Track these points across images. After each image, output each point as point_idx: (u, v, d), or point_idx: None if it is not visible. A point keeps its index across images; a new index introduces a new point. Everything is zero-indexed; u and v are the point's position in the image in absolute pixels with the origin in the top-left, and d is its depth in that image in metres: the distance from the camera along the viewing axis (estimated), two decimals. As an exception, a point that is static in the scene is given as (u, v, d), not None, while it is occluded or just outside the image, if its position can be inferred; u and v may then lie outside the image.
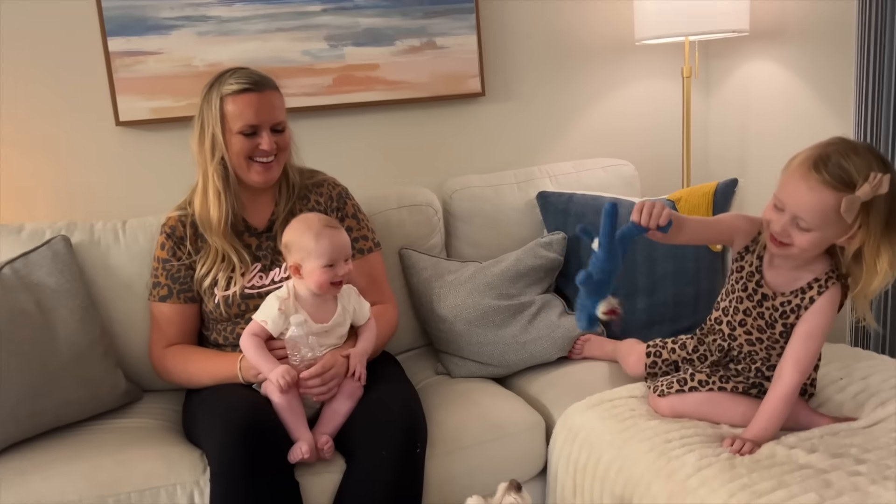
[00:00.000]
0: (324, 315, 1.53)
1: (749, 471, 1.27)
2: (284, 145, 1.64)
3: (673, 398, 1.49)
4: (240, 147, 1.59)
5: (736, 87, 2.30)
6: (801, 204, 1.28)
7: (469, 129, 2.26)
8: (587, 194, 2.01)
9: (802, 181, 1.28)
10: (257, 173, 1.62)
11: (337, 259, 1.51)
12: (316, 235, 1.51)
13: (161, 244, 1.69)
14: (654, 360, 1.65)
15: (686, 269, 1.87)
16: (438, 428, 1.55)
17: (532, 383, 1.78)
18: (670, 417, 1.49)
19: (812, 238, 1.30)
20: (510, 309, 1.82)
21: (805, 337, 1.37)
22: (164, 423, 1.67)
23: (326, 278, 1.50)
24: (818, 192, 1.26)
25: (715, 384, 1.48)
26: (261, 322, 1.52)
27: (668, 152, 2.35)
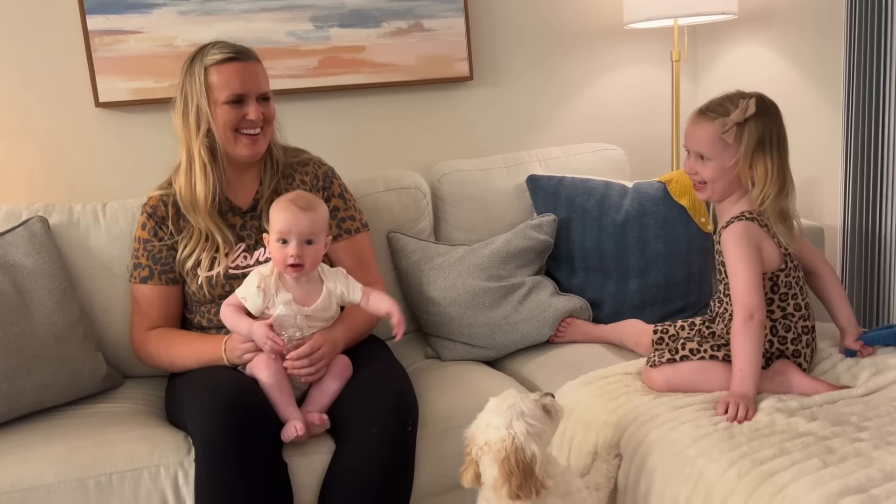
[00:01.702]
0: (308, 297, 1.52)
1: (749, 439, 1.28)
2: (270, 117, 1.65)
3: (666, 369, 1.52)
4: (226, 118, 1.59)
5: (724, 71, 2.34)
6: (694, 140, 1.55)
7: (457, 114, 2.27)
8: (577, 178, 2.03)
9: (692, 124, 1.56)
10: (244, 146, 1.62)
11: (288, 235, 1.48)
12: (278, 208, 1.51)
13: (142, 224, 1.68)
14: (660, 337, 1.69)
15: (678, 251, 1.90)
16: (430, 408, 1.56)
17: (524, 365, 1.79)
18: (665, 391, 1.51)
19: (713, 167, 1.52)
20: (501, 290, 1.83)
21: (729, 273, 1.51)
22: (147, 408, 1.66)
23: (279, 256, 1.49)
24: (703, 126, 1.53)
25: (707, 353, 1.51)
26: (240, 298, 1.51)
27: (657, 136, 2.38)
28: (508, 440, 1.19)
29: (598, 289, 1.92)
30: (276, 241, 1.49)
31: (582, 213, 1.94)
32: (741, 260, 1.47)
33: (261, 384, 1.47)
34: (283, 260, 1.49)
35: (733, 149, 1.50)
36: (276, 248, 1.50)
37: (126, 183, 2.00)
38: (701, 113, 1.54)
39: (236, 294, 1.52)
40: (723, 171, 1.52)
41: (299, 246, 1.48)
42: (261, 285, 1.50)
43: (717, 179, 1.53)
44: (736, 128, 1.48)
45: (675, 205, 1.91)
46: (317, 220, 1.51)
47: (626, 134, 2.36)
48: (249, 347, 1.50)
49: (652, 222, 1.90)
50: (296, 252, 1.48)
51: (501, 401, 1.25)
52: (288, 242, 1.48)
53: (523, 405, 1.23)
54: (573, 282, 1.94)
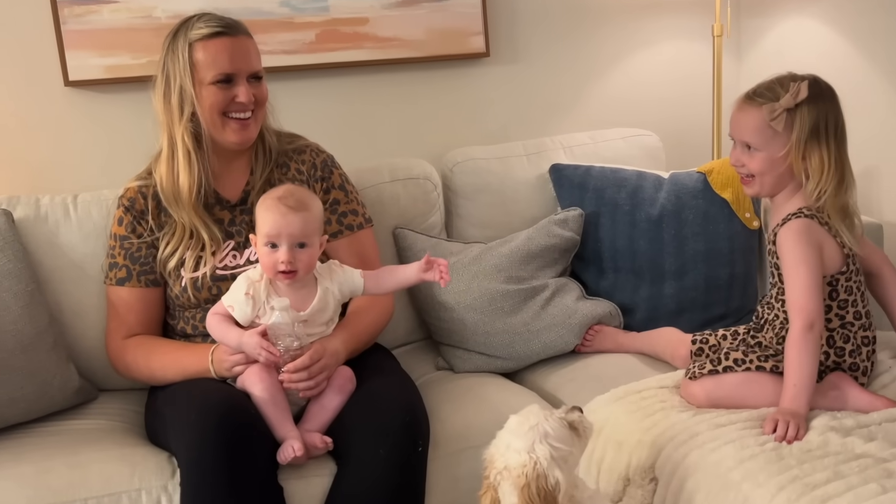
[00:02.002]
0: (302, 301, 1.54)
1: (799, 462, 1.32)
2: (262, 99, 1.67)
3: (707, 381, 1.55)
4: (213, 100, 1.61)
5: (771, 47, 2.36)
6: (739, 128, 1.58)
7: (471, 95, 2.30)
8: (606, 167, 2.07)
9: (738, 110, 1.59)
10: (233, 132, 1.64)
11: (277, 239, 1.49)
12: (265, 207, 1.53)
13: (118, 219, 1.71)
14: (700, 347, 1.72)
15: (719, 249, 1.93)
16: (442, 426, 1.59)
17: (546, 378, 1.83)
18: (705, 406, 1.54)
19: (761, 159, 1.56)
20: (521, 294, 1.87)
21: (785, 277, 1.52)
22: (124, 425, 1.70)
23: (268, 261, 1.51)
24: (750, 112, 1.56)
25: (752, 363, 1.54)
26: (227, 306, 1.54)
27: (695, 121, 2.40)
28: (530, 466, 1.22)
29: (629, 292, 1.96)
30: (265, 245, 1.51)
31: (612, 206, 1.98)
32: (800, 262, 1.49)
33: (254, 399, 1.50)
34: (273, 266, 1.50)
35: (784, 138, 1.53)
36: (264, 253, 1.51)
37: (100, 172, 2.03)
38: (747, 98, 1.57)
39: (222, 302, 1.55)
40: (772, 163, 1.54)
41: (290, 251, 1.50)
42: (250, 291, 1.52)
43: (766, 172, 1.56)
44: (786, 114, 1.51)
45: (716, 198, 1.95)
46: (309, 221, 1.52)
47: (662, 118, 2.38)
48: (240, 359, 1.53)
49: (690, 218, 1.94)
50: (287, 258, 1.49)
51: (523, 419, 1.28)
52: (277, 247, 1.50)
53: (547, 425, 1.26)
54: (602, 284, 1.98)
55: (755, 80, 2.41)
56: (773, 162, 1.54)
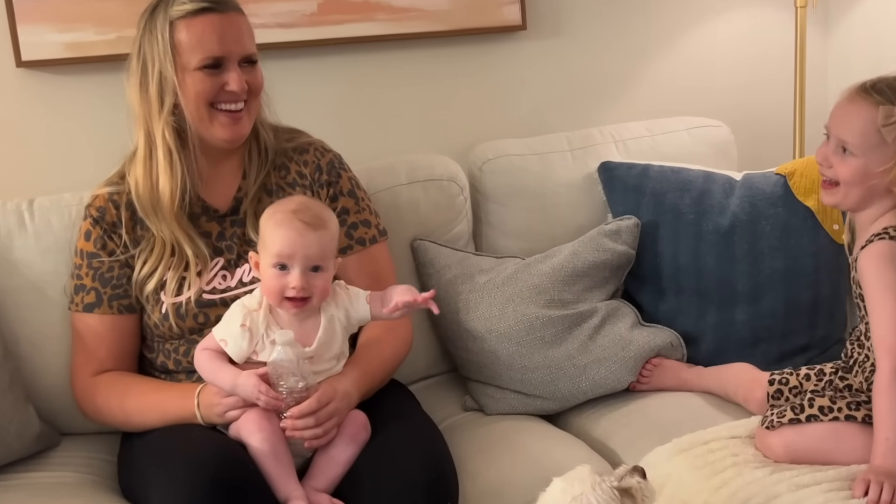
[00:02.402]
0: (306, 335, 1.56)
1: None
2: (257, 87, 1.68)
3: (788, 432, 1.57)
4: (199, 89, 1.62)
5: (866, 19, 2.36)
6: (844, 123, 1.58)
7: (504, 76, 2.31)
8: (667, 166, 2.09)
9: (847, 101, 1.59)
10: (223, 127, 1.65)
11: (291, 260, 1.52)
12: (276, 224, 1.54)
13: (85, 233, 1.72)
14: (778, 389, 1.73)
15: (802, 268, 1.96)
16: (472, 482, 1.61)
17: (595, 423, 1.85)
18: (785, 461, 1.56)
19: (855, 166, 1.56)
20: (565, 321, 1.89)
21: (870, 310, 1.54)
22: (94, 477, 1.72)
23: (275, 285, 1.53)
24: (861, 108, 1.56)
25: (841, 412, 1.56)
26: (219, 340, 1.55)
27: (774, 110, 2.42)
28: None
29: (693, 318, 1.98)
30: (273, 266, 1.53)
31: (673, 215, 2.00)
32: (885, 289, 1.51)
33: (251, 451, 1.51)
34: (281, 291, 1.52)
35: (890, 150, 1.53)
36: (270, 276, 1.53)
37: (60, 172, 2.04)
38: (863, 90, 1.57)
39: (213, 335, 1.57)
40: (866, 175, 1.56)
41: (304, 275, 1.52)
42: (246, 323, 1.54)
43: (856, 184, 1.57)
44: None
45: (798, 206, 1.97)
46: (327, 241, 1.55)
47: (733, 105, 2.40)
48: (234, 402, 1.55)
49: (768, 229, 1.96)
50: (300, 283, 1.52)
51: (567, 486, 1.30)
52: (288, 269, 1.52)
53: (593, 496, 1.27)
54: (661, 308, 2.01)
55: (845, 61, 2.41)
56: (867, 174, 1.56)
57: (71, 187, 1.90)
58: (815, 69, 2.29)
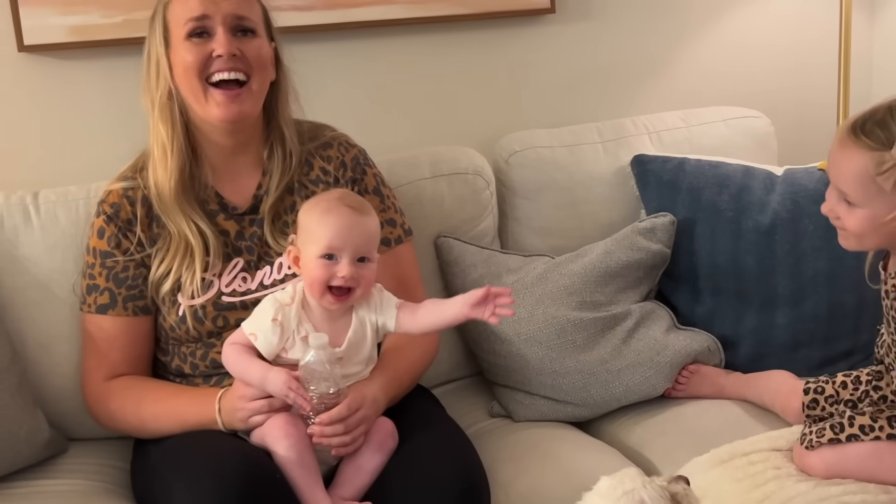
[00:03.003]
0: (336, 335, 1.63)
1: None
2: (257, 60, 1.71)
3: (827, 452, 1.64)
4: (187, 61, 1.67)
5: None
6: (839, 174, 1.58)
7: (532, 63, 2.36)
8: (704, 160, 2.16)
9: (839, 147, 1.58)
10: (218, 105, 1.69)
11: (342, 249, 1.59)
12: (322, 211, 1.61)
13: (98, 230, 1.78)
14: (814, 398, 1.79)
15: (846, 270, 2.01)
16: (503, 491, 1.68)
17: (630, 430, 1.93)
18: (826, 479, 1.63)
19: (861, 217, 1.57)
20: (597, 323, 1.98)
21: None
22: (107, 486, 1.79)
23: (321, 275, 1.59)
24: (853, 156, 1.54)
25: (883, 430, 1.62)
26: (248, 335, 1.62)
27: (816, 99, 2.49)
28: None
29: (732, 321, 2.07)
30: (320, 256, 1.60)
31: (711, 212, 2.07)
32: None
33: (276, 458, 1.58)
34: (326, 281, 1.59)
35: (892, 197, 1.53)
36: (317, 266, 1.60)
37: (65, 163, 2.09)
38: (852, 131, 1.56)
39: (243, 329, 1.63)
40: (876, 224, 1.57)
41: (353, 264, 1.60)
42: (278, 317, 1.60)
43: (868, 233, 1.60)
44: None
45: (843, 203, 2.05)
46: (374, 229, 1.65)
47: (773, 95, 2.45)
48: (259, 407, 1.61)
49: (811, 228, 2.03)
50: (349, 272, 1.59)
51: (617, 483, 1.37)
52: (337, 258, 1.60)
53: (644, 493, 1.35)
54: (697, 311, 2.09)
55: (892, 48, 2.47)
56: (877, 223, 1.57)
57: (75, 178, 1.97)
58: (860, 57, 2.35)
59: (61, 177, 2.02)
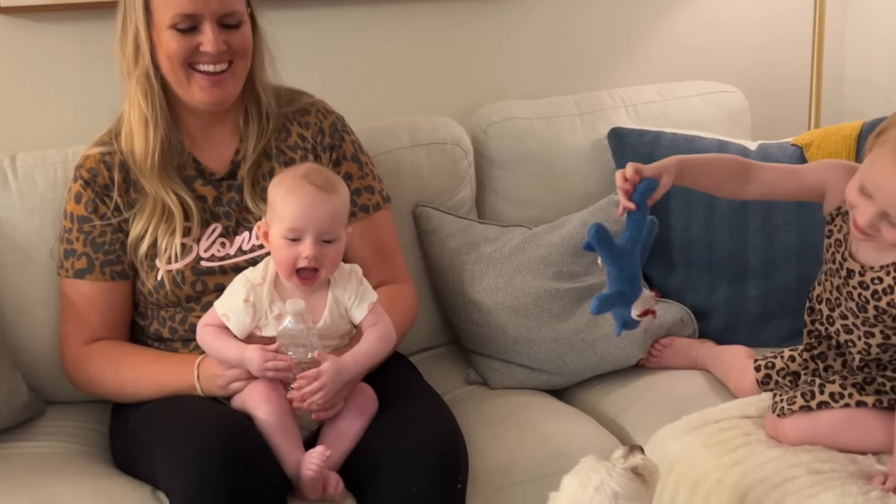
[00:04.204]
0: (312, 311, 1.64)
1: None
2: (242, 48, 1.73)
3: (799, 419, 1.69)
4: (171, 49, 1.68)
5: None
6: (880, 191, 1.52)
7: (511, 34, 2.38)
8: (680, 134, 2.20)
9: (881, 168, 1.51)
10: (202, 90, 1.71)
11: (304, 229, 1.60)
12: (287, 189, 1.61)
13: (76, 195, 1.79)
14: (766, 374, 1.85)
15: (816, 243, 2.00)
16: (481, 457, 1.72)
17: (603, 398, 1.99)
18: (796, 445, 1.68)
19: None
20: (573, 294, 2.02)
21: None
22: (86, 448, 1.81)
23: (286, 256, 1.60)
24: None
25: (853, 397, 1.67)
26: (220, 316, 1.63)
27: (790, 75, 2.52)
28: None
29: (704, 293, 2.12)
30: (284, 236, 1.60)
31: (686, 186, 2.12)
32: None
33: (257, 422, 1.60)
34: (293, 263, 1.61)
35: None
36: (281, 247, 1.61)
37: (42, 126, 2.09)
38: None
39: (215, 310, 1.65)
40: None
41: (317, 244, 1.60)
42: (250, 298, 1.62)
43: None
44: None
45: (815, 178, 2.11)
46: (340, 208, 1.64)
47: (747, 70, 2.49)
48: (238, 374, 1.64)
49: (782, 203, 2.07)
50: (312, 252, 1.60)
51: (584, 480, 1.38)
52: (301, 239, 1.60)
53: (614, 483, 1.37)
54: (671, 282, 2.14)
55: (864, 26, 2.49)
56: None
57: (53, 142, 1.97)
58: (833, 33, 2.39)
59: (39, 140, 2.02)
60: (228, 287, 1.67)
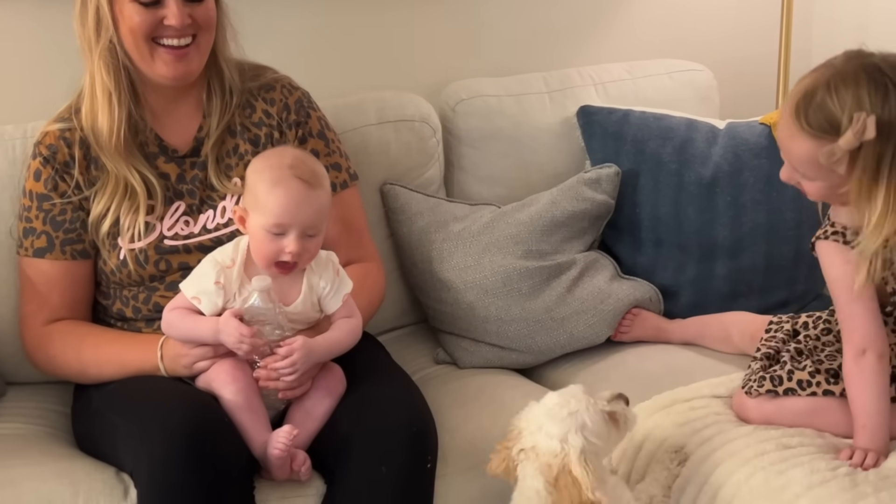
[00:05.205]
0: (285, 294, 1.64)
1: (876, 489, 1.51)
2: (206, 21, 1.72)
3: (766, 403, 1.71)
4: (135, 22, 1.66)
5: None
6: (790, 156, 1.64)
7: (479, 9, 2.37)
8: (649, 112, 2.21)
9: (785, 126, 1.62)
10: (165, 64, 1.70)
11: (290, 226, 1.58)
12: (273, 182, 1.58)
13: (35, 172, 1.77)
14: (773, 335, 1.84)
15: (784, 222, 2.11)
16: (450, 436, 1.73)
17: (574, 376, 1.99)
18: None
19: (819, 187, 1.64)
20: (542, 272, 2.03)
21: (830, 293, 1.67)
22: (48, 430, 1.80)
23: (268, 249, 1.59)
24: (801, 142, 1.60)
25: (820, 386, 1.70)
26: (191, 299, 1.62)
27: (758, 54, 2.54)
28: (559, 457, 1.44)
29: (672, 271, 2.14)
30: (268, 230, 1.58)
31: (654, 164, 2.14)
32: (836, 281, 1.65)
33: (223, 402, 1.60)
34: (275, 256, 1.59)
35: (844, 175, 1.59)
36: (264, 239, 1.59)
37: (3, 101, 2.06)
38: (796, 119, 1.59)
39: (183, 293, 1.63)
40: (833, 192, 1.64)
41: (301, 240, 1.59)
42: (220, 280, 1.60)
43: (827, 196, 1.68)
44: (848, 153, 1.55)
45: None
46: (325, 204, 1.63)
47: (716, 48, 2.51)
48: (204, 353, 1.63)
49: (751, 181, 2.10)
50: (297, 248, 1.58)
51: (563, 402, 1.49)
52: (285, 233, 1.58)
53: (587, 415, 1.47)
54: (639, 260, 2.16)
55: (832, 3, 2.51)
56: (834, 191, 1.63)
57: (11, 117, 1.94)
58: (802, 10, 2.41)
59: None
60: (196, 269, 1.66)
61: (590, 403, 1.49)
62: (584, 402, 1.49)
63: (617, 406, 1.52)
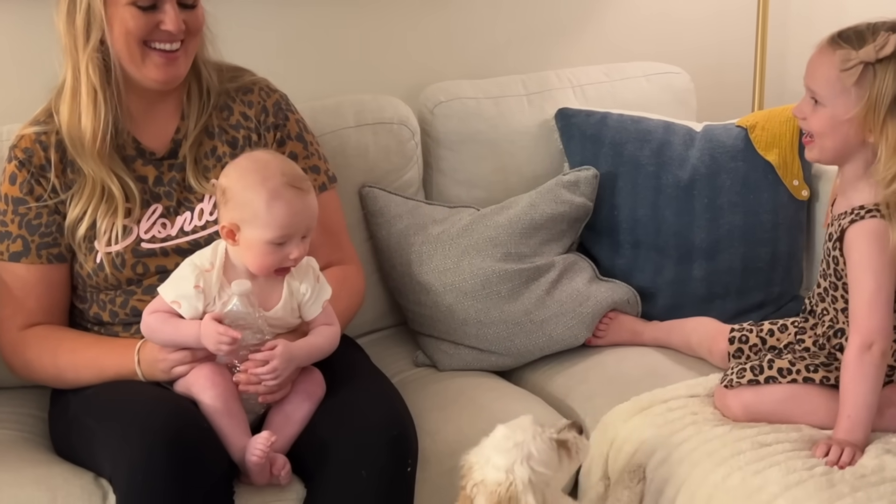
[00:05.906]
0: (265, 299, 1.64)
1: (853, 489, 1.53)
2: (196, 26, 1.73)
3: (746, 392, 1.74)
4: (130, 26, 1.67)
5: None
6: (812, 74, 1.71)
7: (457, 11, 2.38)
8: (626, 115, 2.23)
9: (817, 52, 1.72)
10: (156, 67, 1.71)
11: (292, 236, 1.60)
12: (270, 195, 1.57)
13: (10, 176, 1.76)
14: (739, 347, 1.90)
15: (761, 224, 2.13)
16: (431, 439, 1.74)
17: (552, 379, 2.01)
18: (743, 421, 1.73)
19: (824, 116, 1.69)
20: (522, 275, 2.04)
21: (851, 283, 1.68)
22: (25, 435, 1.80)
23: (271, 261, 1.60)
24: (826, 57, 1.68)
25: (800, 374, 1.72)
26: (170, 303, 1.61)
27: (734, 57, 2.56)
28: (504, 486, 1.45)
29: (650, 273, 2.16)
30: (271, 243, 1.58)
31: (632, 166, 2.15)
32: (868, 269, 1.65)
33: (203, 407, 1.60)
34: (277, 265, 1.60)
35: (854, 97, 1.65)
36: (266, 252, 1.58)
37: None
38: (830, 39, 1.69)
39: (162, 297, 1.62)
40: (835, 125, 1.68)
41: (304, 243, 1.61)
42: (199, 284, 1.60)
43: (828, 134, 1.70)
44: (863, 68, 1.63)
45: (759, 160, 2.14)
46: (316, 203, 1.64)
47: (693, 51, 2.53)
48: (182, 358, 1.63)
49: (727, 184, 2.13)
50: (302, 252, 1.60)
51: (510, 433, 1.50)
52: (287, 243, 1.59)
53: (533, 446, 1.48)
54: (617, 262, 2.17)
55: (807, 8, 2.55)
56: (836, 123, 1.67)
57: (-12, 121, 1.93)
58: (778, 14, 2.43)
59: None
60: (175, 272, 1.65)
61: (537, 433, 1.50)
62: (530, 432, 1.50)
63: (568, 434, 1.54)
